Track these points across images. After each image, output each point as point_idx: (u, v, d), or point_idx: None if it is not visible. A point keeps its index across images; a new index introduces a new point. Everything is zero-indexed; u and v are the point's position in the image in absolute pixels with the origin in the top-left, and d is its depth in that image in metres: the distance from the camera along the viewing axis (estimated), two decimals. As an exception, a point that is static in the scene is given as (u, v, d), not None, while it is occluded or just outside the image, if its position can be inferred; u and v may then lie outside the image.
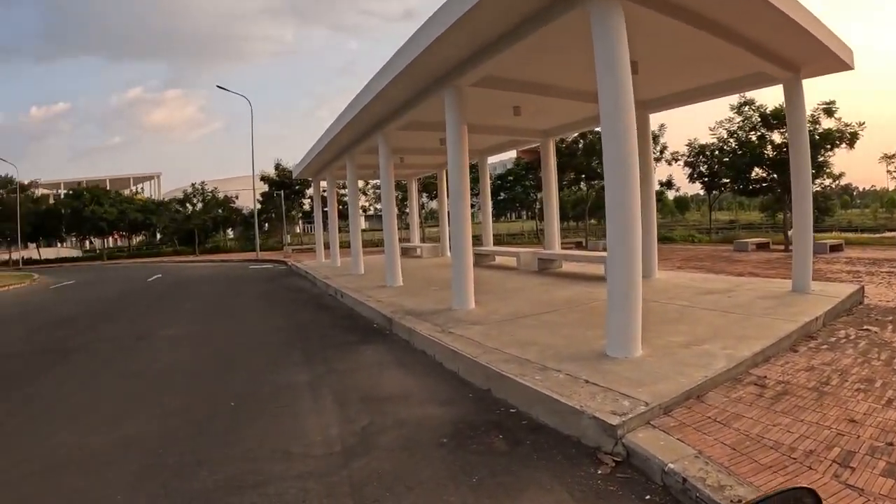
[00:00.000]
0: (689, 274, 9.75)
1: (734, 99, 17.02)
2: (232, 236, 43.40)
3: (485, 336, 5.24)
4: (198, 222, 36.64)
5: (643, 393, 3.38)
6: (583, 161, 22.08)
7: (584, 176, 23.55)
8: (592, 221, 26.57)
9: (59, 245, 49.58)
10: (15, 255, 40.19)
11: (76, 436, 3.61)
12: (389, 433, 3.42)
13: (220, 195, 38.36)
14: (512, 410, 3.71)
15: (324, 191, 21.01)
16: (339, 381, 4.59)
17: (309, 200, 36.98)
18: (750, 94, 16.77)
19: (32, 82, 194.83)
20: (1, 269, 34.77)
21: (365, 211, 39.26)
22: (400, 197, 28.67)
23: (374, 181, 33.87)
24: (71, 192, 42.57)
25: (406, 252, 17.10)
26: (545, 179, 11.99)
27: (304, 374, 4.83)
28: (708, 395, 3.52)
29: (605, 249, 5.42)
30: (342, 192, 26.56)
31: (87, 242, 49.92)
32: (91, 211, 37.84)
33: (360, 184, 32.97)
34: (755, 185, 18.21)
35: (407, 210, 27.74)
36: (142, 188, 70.48)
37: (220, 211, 38.05)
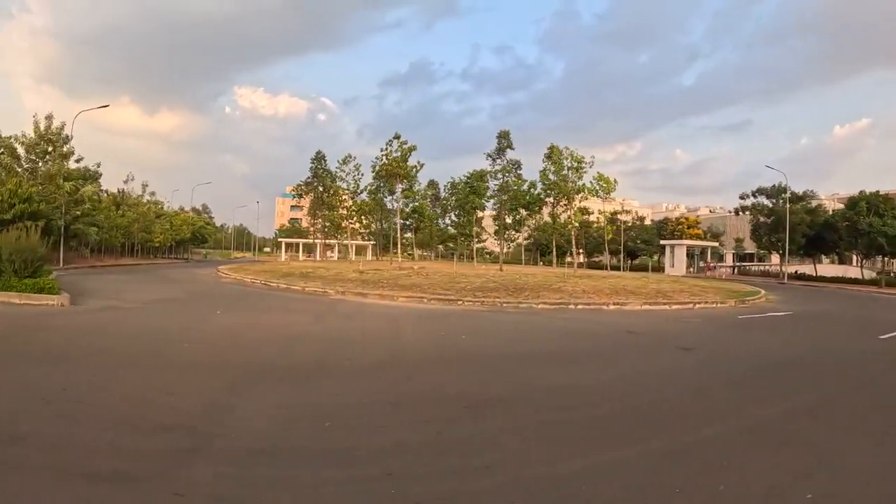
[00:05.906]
0: None
1: None
2: None
3: None
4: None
5: None
6: None
7: None
8: None
9: (847, 264, 42.65)
10: (787, 269, 36.77)
11: None
12: None
13: None
14: None
15: None
16: None
17: None
18: None
19: (828, 104, 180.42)
20: (740, 281, 30.68)
21: None
22: None
23: None
24: (849, 201, 37.20)
25: None
26: None
27: None
28: None
29: None
30: None
31: (880, 262, 40.34)
32: (868, 223, 31.89)
33: None
34: None
35: None
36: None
37: None
